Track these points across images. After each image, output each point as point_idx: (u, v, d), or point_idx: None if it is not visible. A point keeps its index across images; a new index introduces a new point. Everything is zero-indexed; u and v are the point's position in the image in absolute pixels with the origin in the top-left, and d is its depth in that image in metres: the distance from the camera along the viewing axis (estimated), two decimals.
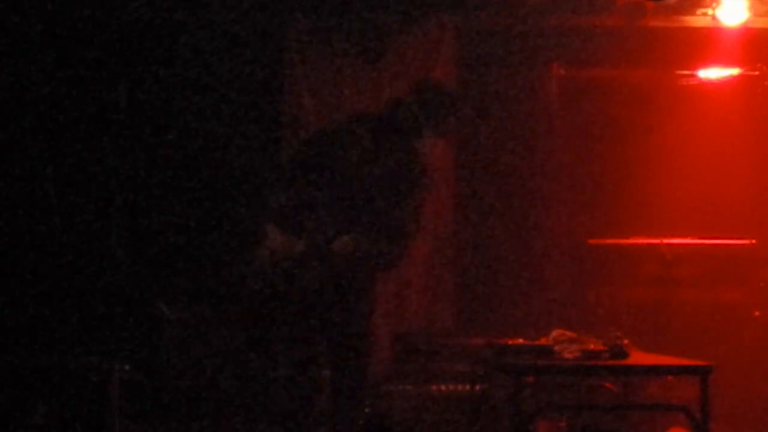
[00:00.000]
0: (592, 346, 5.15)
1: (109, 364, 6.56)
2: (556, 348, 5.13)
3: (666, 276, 7.50)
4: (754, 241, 7.70)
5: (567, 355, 5.09)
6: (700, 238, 7.67)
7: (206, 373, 7.38)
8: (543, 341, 5.25)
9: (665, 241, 7.52)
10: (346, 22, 7.85)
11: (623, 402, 6.48)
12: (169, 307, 7.51)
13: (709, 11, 7.75)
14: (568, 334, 5.25)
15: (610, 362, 5.11)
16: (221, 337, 7.50)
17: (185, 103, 7.86)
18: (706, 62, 7.81)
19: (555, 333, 5.26)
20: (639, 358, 5.27)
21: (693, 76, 7.77)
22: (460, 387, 6.69)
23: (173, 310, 7.48)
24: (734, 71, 7.73)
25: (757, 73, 7.65)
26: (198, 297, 7.69)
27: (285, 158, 7.18)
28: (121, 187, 7.80)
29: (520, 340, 5.29)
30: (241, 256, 7.84)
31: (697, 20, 7.89)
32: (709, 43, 7.84)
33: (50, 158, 7.74)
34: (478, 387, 6.24)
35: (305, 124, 7.87)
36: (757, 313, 7.50)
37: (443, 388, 6.78)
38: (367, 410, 5.49)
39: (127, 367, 6.61)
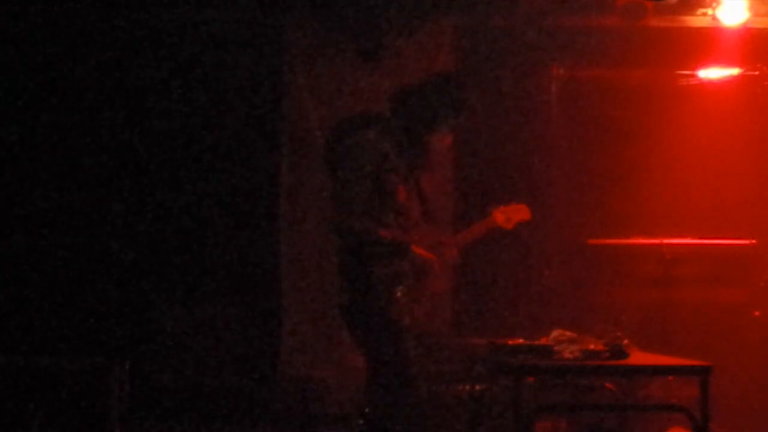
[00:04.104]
0: (592, 346, 5.15)
1: (109, 364, 6.56)
2: (556, 348, 5.12)
3: (666, 276, 7.49)
4: (754, 241, 7.71)
5: (567, 355, 5.09)
6: (700, 238, 7.67)
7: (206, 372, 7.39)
8: (543, 341, 5.24)
9: (665, 241, 7.52)
10: (346, 22, 7.85)
11: (623, 402, 6.48)
12: (169, 306, 7.52)
13: (709, 11, 7.75)
14: (568, 334, 5.25)
15: (610, 362, 5.10)
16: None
17: (186, 102, 7.86)
18: (706, 62, 7.81)
19: (555, 333, 5.26)
20: (639, 358, 5.27)
21: (693, 76, 7.77)
22: (460, 387, 6.69)
23: (172, 309, 7.49)
24: (734, 71, 7.73)
25: (757, 73, 7.65)
26: (198, 297, 7.71)
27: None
28: (122, 187, 7.81)
29: (520, 340, 5.29)
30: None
31: (697, 20, 7.89)
32: (709, 43, 7.84)
33: (50, 159, 7.75)
34: (478, 387, 6.24)
35: (305, 124, 7.87)
36: (757, 313, 7.50)
37: (443, 388, 6.77)
38: (366, 410, 5.47)
39: (127, 367, 6.61)
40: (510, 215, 6.07)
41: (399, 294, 5.29)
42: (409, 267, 5.34)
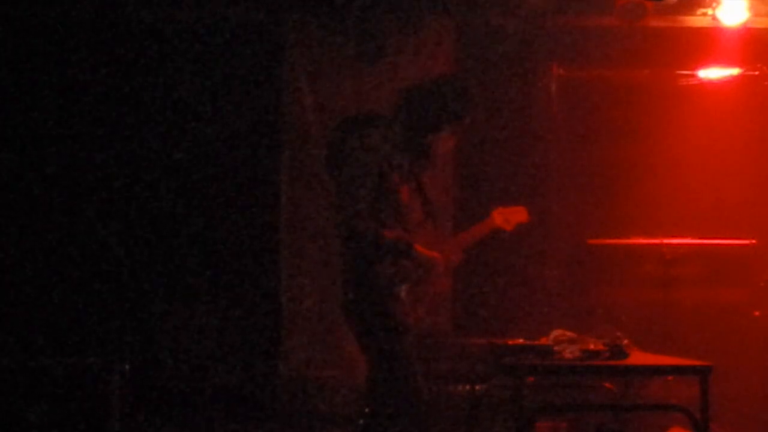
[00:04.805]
0: (592, 346, 5.15)
1: (109, 364, 6.56)
2: (556, 348, 5.12)
3: (666, 276, 7.49)
4: (754, 241, 7.70)
5: (567, 355, 5.09)
6: (700, 238, 7.67)
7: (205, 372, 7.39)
8: (543, 341, 5.25)
9: (665, 241, 7.52)
10: (346, 23, 7.85)
11: (623, 402, 6.48)
12: (169, 306, 7.53)
13: (709, 11, 7.75)
14: (568, 334, 5.25)
15: (610, 362, 5.11)
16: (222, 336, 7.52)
17: (186, 102, 7.86)
18: (706, 62, 7.81)
19: (555, 333, 5.26)
20: (639, 358, 5.27)
21: (693, 76, 7.77)
22: (460, 387, 6.69)
23: (172, 309, 7.49)
24: (734, 71, 7.73)
25: (757, 73, 7.65)
26: (198, 297, 7.71)
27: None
28: (122, 187, 7.81)
29: (520, 340, 5.29)
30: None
31: (697, 20, 7.89)
32: (709, 43, 7.84)
33: (50, 159, 7.75)
34: (478, 387, 6.24)
35: (305, 124, 7.87)
36: (757, 313, 7.50)
37: (443, 388, 6.78)
38: (366, 410, 5.47)
39: (127, 367, 6.61)
40: (509, 216, 6.09)
41: (402, 293, 5.29)
42: (412, 266, 5.35)
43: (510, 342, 5.26)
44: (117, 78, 7.79)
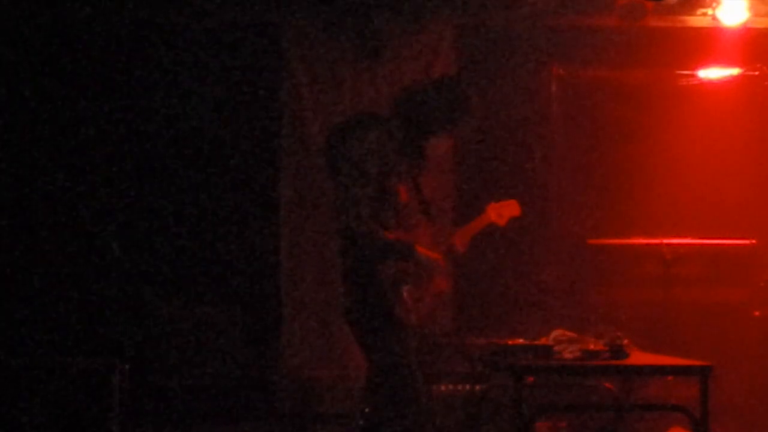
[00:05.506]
0: (592, 346, 5.15)
1: (109, 364, 6.56)
2: (556, 348, 5.13)
3: (666, 276, 7.50)
4: (754, 241, 7.71)
5: (567, 355, 5.09)
6: (700, 238, 7.67)
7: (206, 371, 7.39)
8: (543, 341, 5.25)
9: (665, 241, 7.52)
10: (346, 22, 7.85)
11: (623, 402, 6.48)
12: (169, 306, 7.53)
13: (709, 11, 7.75)
14: (568, 334, 5.25)
15: (610, 362, 5.11)
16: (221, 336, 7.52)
17: (185, 102, 7.86)
18: (706, 62, 7.82)
19: (555, 333, 5.27)
20: (639, 358, 5.27)
21: (693, 76, 7.78)
22: (460, 387, 6.69)
23: (172, 309, 7.49)
24: (734, 71, 7.74)
25: (757, 73, 7.65)
26: (198, 297, 7.71)
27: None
28: (121, 186, 7.81)
29: (520, 340, 5.29)
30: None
31: (697, 20, 7.89)
32: (709, 43, 7.84)
33: (51, 159, 7.75)
34: (478, 387, 6.24)
35: (305, 124, 7.87)
36: (757, 313, 7.50)
37: (443, 388, 6.78)
38: (366, 410, 5.48)
39: (127, 367, 6.61)
40: (501, 211, 6.11)
41: (404, 294, 5.29)
42: (413, 267, 5.34)
43: (510, 342, 5.26)
44: (116, 78, 7.79)
